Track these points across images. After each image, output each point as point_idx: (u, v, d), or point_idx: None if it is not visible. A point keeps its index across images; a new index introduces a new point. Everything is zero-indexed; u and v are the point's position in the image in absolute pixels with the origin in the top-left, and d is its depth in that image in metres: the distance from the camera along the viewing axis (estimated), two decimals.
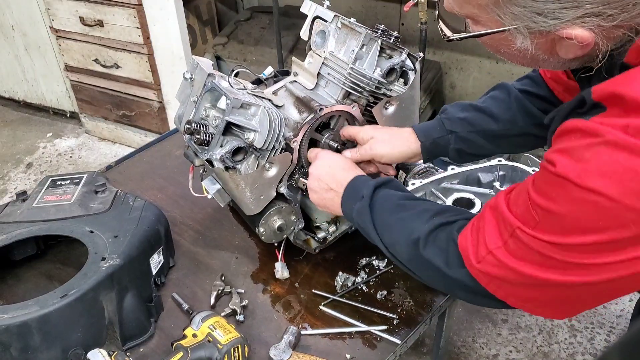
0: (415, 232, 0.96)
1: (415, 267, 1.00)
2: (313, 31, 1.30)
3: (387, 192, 1.06)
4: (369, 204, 1.05)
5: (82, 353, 1.07)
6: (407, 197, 1.06)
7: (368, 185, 1.07)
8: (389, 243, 1.03)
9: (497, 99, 1.24)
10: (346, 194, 1.11)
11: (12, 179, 3.33)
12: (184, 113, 1.26)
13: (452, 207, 1.05)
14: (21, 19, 3.36)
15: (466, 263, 0.88)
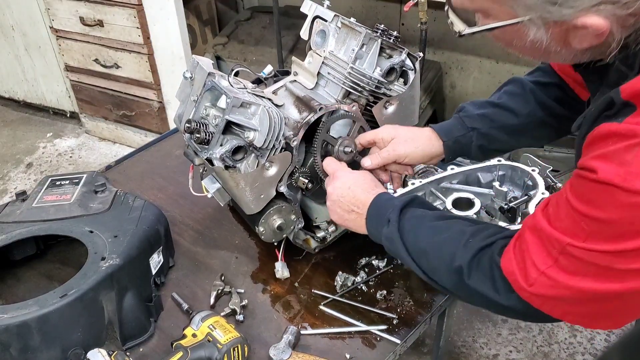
0: (456, 260, 0.94)
1: (462, 295, 0.99)
2: (313, 31, 1.30)
3: (414, 213, 1.04)
4: (398, 229, 1.02)
5: (82, 353, 1.07)
6: (437, 216, 1.03)
7: (394, 207, 1.04)
8: (428, 269, 1.00)
9: (513, 94, 1.23)
10: (370, 215, 1.09)
11: (12, 179, 3.33)
12: (184, 112, 1.26)
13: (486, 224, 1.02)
14: (21, 19, 3.36)
15: (515, 287, 0.86)
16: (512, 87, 1.25)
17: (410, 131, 1.24)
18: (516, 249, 0.87)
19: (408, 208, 1.04)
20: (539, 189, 1.25)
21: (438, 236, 0.98)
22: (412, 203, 1.06)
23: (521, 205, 1.25)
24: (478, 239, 0.94)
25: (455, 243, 0.95)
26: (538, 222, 0.82)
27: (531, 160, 1.34)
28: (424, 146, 1.23)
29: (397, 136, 1.22)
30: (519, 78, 1.26)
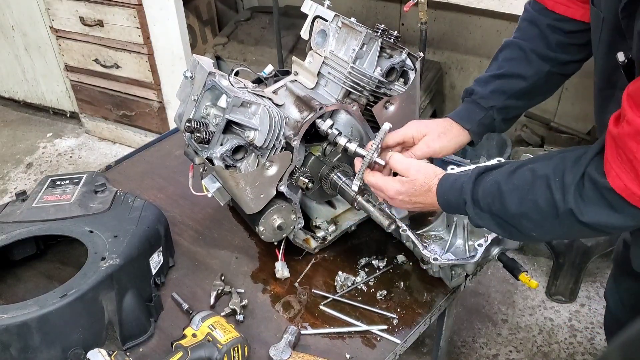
0: (560, 206, 0.91)
1: (582, 234, 1.00)
2: (313, 31, 1.30)
3: (485, 184, 1.02)
4: (480, 208, 1.02)
5: (82, 353, 1.07)
6: (507, 173, 1.00)
7: (463, 191, 1.04)
8: (534, 229, 0.99)
9: (513, 59, 1.24)
10: (444, 204, 1.09)
11: (12, 179, 3.33)
12: (185, 112, 1.26)
13: (555, 155, 0.98)
14: (21, 19, 3.36)
15: (633, 201, 0.84)
16: (509, 52, 1.26)
17: (438, 125, 1.25)
18: (619, 162, 0.84)
19: (477, 184, 1.03)
20: None
21: (525, 194, 0.96)
22: (477, 178, 1.04)
23: None
24: (569, 175, 0.91)
25: (548, 191, 0.92)
26: (638, 126, 0.79)
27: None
28: (456, 138, 1.25)
29: (429, 132, 1.22)
30: (512, 41, 1.26)
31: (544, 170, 0.95)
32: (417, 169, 1.12)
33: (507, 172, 1.00)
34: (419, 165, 1.13)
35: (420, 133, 1.22)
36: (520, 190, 0.97)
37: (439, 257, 1.21)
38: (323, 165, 1.30)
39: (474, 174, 1.04)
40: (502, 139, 3.06)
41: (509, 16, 2.28)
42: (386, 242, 1.43)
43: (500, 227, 1.03)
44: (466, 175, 1.06)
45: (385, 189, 1.14)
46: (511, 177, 0.99)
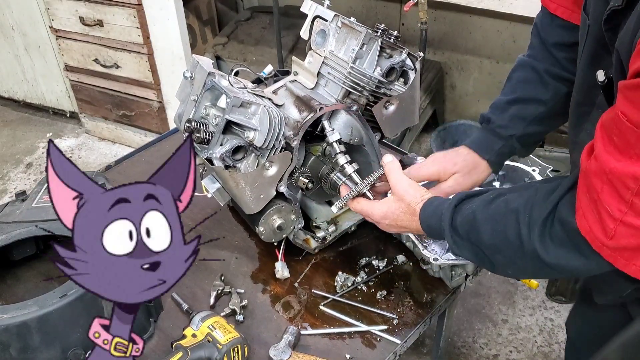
0: (525, 242, 0.87)
1: (549, 276, 0.93)
2: (313, 30, 1.30)
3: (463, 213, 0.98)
4: (456, 238, 0.98)
5: (82, 353, 1.07)
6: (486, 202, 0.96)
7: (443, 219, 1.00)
8: (504, 264, 0.95)
9: (528, 82, 1.19)
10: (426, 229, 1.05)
11: (12, 179, 3.33)
12: (184, 112, 1.26)
13: (527, 186, 0.97)
14: (21, 19, 3.36)
15: (595, 246, 0.79)
16: (523, 73, 1.21)
17: (466, 161, 1.21)
18: (587, 201, 0.78)
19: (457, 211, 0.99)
20: None
21: (497, 225, 0.92)
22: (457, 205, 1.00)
23: None
24: (537, 210, 0.87)
25: (516, 225, 0.88)
26: (603, 163, 0.74)
27: (531, 160, 1.34)
28: (480, 174, 1.23)
29: (458, 170, 1.20)
30: (525, 61, 1.21)
31: (516, 202, 0.91)
32: (404, 188, 1.07)
33: (485, 201, 0.97)
34: (408, 185, 1.08)
35: (448, 172, 1.20)
36: (493, 221, 0.93)
37: (439, 257, 1.21)
38: (323, 165, 1.30)
39: (454, 200, 1.00)
40: None
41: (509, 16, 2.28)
42: (386, 242, 1.43)
43: (478, 257, 0.99)
44: (447, 200, 1.03)
45: (371, 213, 1.12)
46: (488, 206, 0.96)
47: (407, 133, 2.89)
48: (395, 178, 1.10)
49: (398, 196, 1.08)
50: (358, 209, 1.15)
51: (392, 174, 1.11)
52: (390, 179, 1.10)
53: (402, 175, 1.10)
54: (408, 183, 1.09)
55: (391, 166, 1.11)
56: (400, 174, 1.10)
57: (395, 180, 1.09)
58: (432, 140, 3.07)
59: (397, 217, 1.08)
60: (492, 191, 1.00)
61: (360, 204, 1.14)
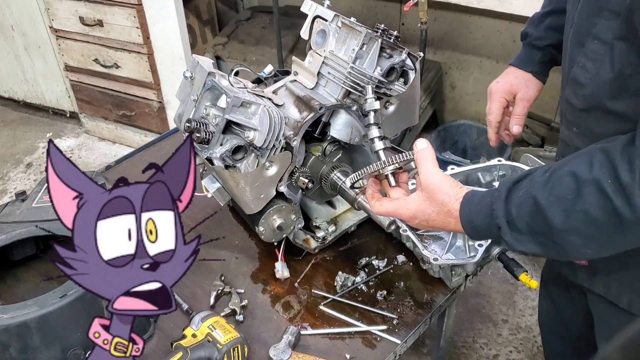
0: (624, 213, 0.75)
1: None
2: (313, 30, 1.30)
3: (518, 200, 0.86)
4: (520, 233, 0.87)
5: (82, 353, 1.07)
6: (540, 184, 0.85)
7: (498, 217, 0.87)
8: (581, 245, 0.84)
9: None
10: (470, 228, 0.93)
11: (12, 179, 3.33)
12: (184, 112, 1.26)
13: (590, 152, 0.83)
14: (21, 19, 3.36)
15: None
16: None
17: (517, 78, 1.33)
18: None
19: (509, 203, 0.87)
20: None
21: (572, 204, 0.80)
22: (507, 196, 0.88)
23: None
24: (624, 172, 0.76)
25: (603, 198, 0.77)
26: None
27: (531, 160, 1.33)
28: (532, 89, 1.33)
29: (519, 90, 1.31)
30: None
31: (587, 171, 0.79)
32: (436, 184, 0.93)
33: (541, 183, 0.85)
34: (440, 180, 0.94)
35: (510, 95, 1.31)
36: (564, 202, 0.81)
37: (440, 257, 1.21)
38: (323, 165, 1.30)
39: (503, 191, 0.88)
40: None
41: (509, 16, 2.28)
42: (386, 242, 1.43)
43: (545, 248, 0.86)
44: (492, 193, 0.90)
45: (398, 214, 1.00)
46: (547, 186, 0.83)
47: (407, 133, 2.89)
48: (426, 170, 0.95)
49: (428, 193, 0.95)
50: (382, 210, 1.01)
51: (423, 163, 0.95)
52: (421, 170, 0.95)
53: (435, 168, 0.96)
54: (440, 177, 0.94)
55: (424, 154, 0.96)
56: (433, 165, 0.95)
57: (427, 173, 0.95)
58: (431, 140, 3.07)
59: (429, 217, 0.96)
60: (540, 169, 0.88)
61: (384, 206, 1.01)
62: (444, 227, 0.97)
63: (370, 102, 1.11)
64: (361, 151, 1.33)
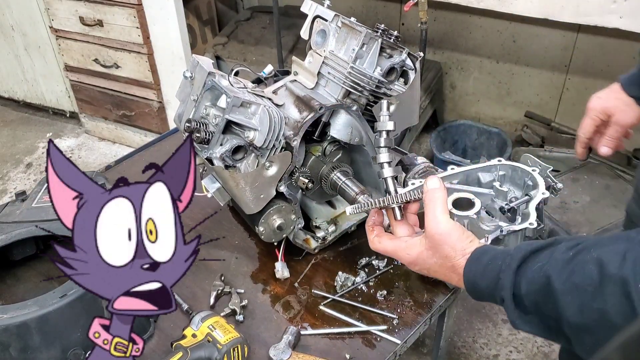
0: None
1: None
2: (313, 30, 1.30)
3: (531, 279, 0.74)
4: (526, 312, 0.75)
5: (82, 353, 1.07)
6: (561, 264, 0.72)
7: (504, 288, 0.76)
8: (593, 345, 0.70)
9: None
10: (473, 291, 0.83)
11: (12, 179, 3.33)
12: (184, 112, 1.26)
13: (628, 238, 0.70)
14: (21, 19, 3.36)
15: None
16: None
17: (618, 99, 1.25)
18: None
19: (520, 274, 0.76)
20: (539, 189, 1.25)
21: (590, 299, 0.67)
22: (519, 267, 0.76)
23: (521, 205, 1.24)
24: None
25: (625, 302, 0.64)
26: None
27: (531, 160, 1.33)
28: (632, 109, 1.25)
29: (616, 111, 1.24)
30: None
31: (617, 265, 0.66)
32: (443, 234, 0.84)
33: (561, 262, 0.72)
34: (448, 229, 0.84)
35: (606, 115, 1.24)
36: (582, 293, 0.68)
37: None
38: (323, 165, 1.30)
39: (516, 259, 0.76)
40: (503, 139, 3.07)
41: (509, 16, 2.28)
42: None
43: (553, 335, 0.74)
44: (504, 257, 0.78)
45: (397, 257, 0.93)
46: (567, 268, 0.71)
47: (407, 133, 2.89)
48: (434, 216, 0.86)
49: (433, 243, 0.86)
50: (380, 248, 0.94)
51: (431, 208, 0.87)
52: (428, 215, 0.87)
53: (444, 215, 0.86)
54: (448, 228, 0.84)
55: (433, 196, 0.87)
56: (442, 211, 0.86)
57: (434, 221, 0.85)
58: (432, 140, 3.07)
59: (430, 268, 0.88)
60: (566, 242, 0.75)
61: (382, 244, 0.93)
62: (446, 280, 0.89)
63: (383, 121, 1.01)
64: (361, 151, 1.33)
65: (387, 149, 1.01)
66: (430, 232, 0.86)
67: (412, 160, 1.42)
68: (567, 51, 2.94)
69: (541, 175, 1.29)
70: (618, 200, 2.51)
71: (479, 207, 1.27)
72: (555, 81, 3.06)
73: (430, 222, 0.86)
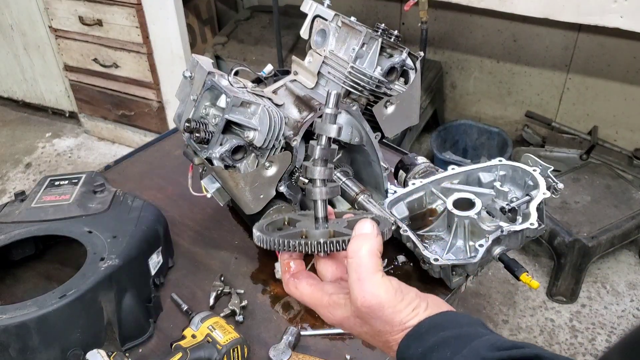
0: None
1: None
2: (313, 30, 1.29)
3: None
4: None
5: (81, 353, 1.06)
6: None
7: None
8: None
9: None
10: None
11: (11, 179, 3.32)
12: (184, 111, 1.25)
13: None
14: (20, 19, 3.36)
15: None
16: None
17: None
18: None
19: None
20: (540, 189, 1.24)
21: None
22: None
23: (522, 205, 1.24)
24: None
25: None
26: None
27: (532, 160, 1.33)
28: None
29: None
30: None
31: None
32: (370, 306, 0.63)
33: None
34: (381, 300, 0.64)
35: None
36: None
37: (440, 257, 1.20)
38: None
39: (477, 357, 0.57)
40: (503, 138, 3.07)
41: (509, 16, 2.28)
42: (386, 242, 1.41)
43: None
44: (456, 346, 0.61)
45: (318, 312, 0.72)
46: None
47: (407, 133, 2.89)
48: (357, 277, 0.64)
49: (359, 313, 0.64)
50: (297, 295, 0.71)
51: (354, 264, 0.65)
52: (351, 272, 0.64)
53: (372, 276, 0.65)
54: (380, 297, 0.64)
55: (357, 247, 0.66)
56: (367, 269, 0.65)
57: (357, 284, 0.64)
58: (432, 140, 3.07)
59: (360, 336, 0.70)
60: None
61: (300, 289, 0.71)
62: (380, 348, 0.70)
63: (322, 121, 0.71)
64: (361, 151, 1.33)
65: (325, 163, 0.72)
66: (355, 303, 0.64)
67: (413, 160, 1.42)
68: (568, 51, 2.94)
69: (542, 175, 1.29)
70: (619, 200, 2.51)
71: (480, 207, 1.27)
72: (555, 81, 3.06)
73: (354, 288, 0.63)
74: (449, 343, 0.60)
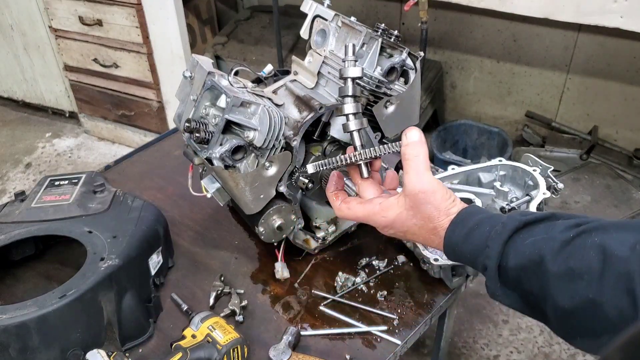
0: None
1: None
2: (313, 30, 1.29)
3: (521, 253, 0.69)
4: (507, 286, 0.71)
5: (81, 353, 1.06)
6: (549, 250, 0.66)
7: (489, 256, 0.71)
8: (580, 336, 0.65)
9: None
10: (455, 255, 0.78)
11: (11, 179, 3.32)
12: (184, 111, 1.25)
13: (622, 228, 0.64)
14: (20, 19, 3.36)
15: None
16: None
17: None
18: None
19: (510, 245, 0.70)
20: (540, 189, 1.24)
21: (585, 288, 0.61)
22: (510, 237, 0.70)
23: (522, 205, 1.24)
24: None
25: (626, 299, 0.58)
26: None
27: (532, 160, 1.33)
28: None
29: None
30: None
31: (623, 257, 0.59)
32: (426, 192, 0.76)
33: (559, 242, 0.65)
34: (432, 187, 0.76)
35: None
36: (577, 280, 0.62)
37: (440, 257, 1.20)
38: None
39: (509, 228, 0.70)
40: (503, 138, 3.06)
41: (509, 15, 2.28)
42: (386, 242, 1.42)
43: (531, 310, 0.70)
44: (494, 223, 0.73)
45: (371, 222, 0.84)
46: (565, 251, 0.64)
47: None
48: (415, 172, 0.77)
49: (414, 201, 0.77)
50: (350, 215, 0.85)
51: (413, 163, 0.77)
52: (409, 171, 0.77)
53: (426, 171, 0.77)
54: (432, 185, 0.76)
55: (414, 149, 0.77)
56: (424, 167, 0.77)
57: (416, 177, 0.77)
58: (432, 140, 3.07)
59: (409, 230, 0.80)
60: (564, 219, 0.68)
61: (352, 210, 0.84)
62: (425, 243, 0.82)
63: (347, 67, 0.89)
64: None
65: (353, 99, 0.89)
66: (412, 190, 0.76)
67: None
68: (568, 51, 2.94)
69: (542, 175, 1.29)
70: (619, 200, 2.51)
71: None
72: (556, 81, 3.06)
73: (412, 179, 0.76)
74: (484, 222, 0.74)
